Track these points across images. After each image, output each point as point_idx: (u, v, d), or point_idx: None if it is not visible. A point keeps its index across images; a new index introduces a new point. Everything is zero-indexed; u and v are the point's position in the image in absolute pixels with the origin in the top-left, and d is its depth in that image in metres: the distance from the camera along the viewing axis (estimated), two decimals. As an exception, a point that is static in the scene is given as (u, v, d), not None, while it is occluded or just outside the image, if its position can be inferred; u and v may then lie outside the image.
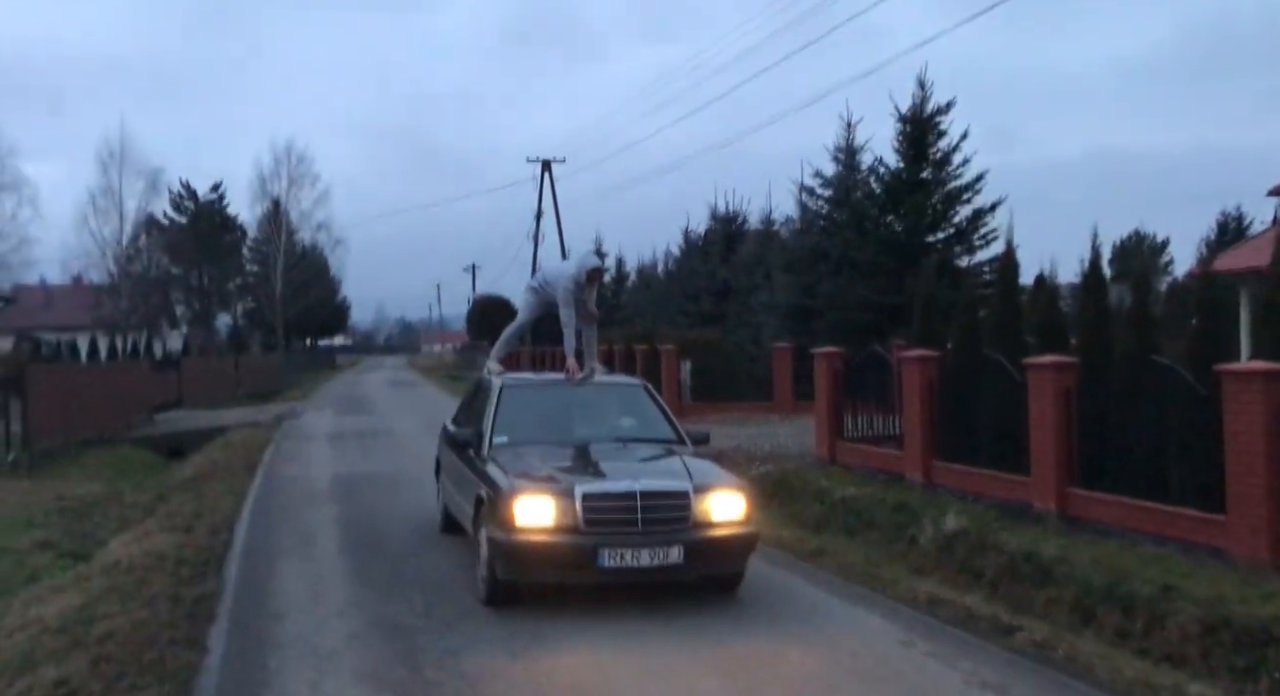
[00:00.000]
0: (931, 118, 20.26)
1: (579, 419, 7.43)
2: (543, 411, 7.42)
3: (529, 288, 8.75)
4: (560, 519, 5.82)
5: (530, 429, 7.10)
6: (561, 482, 6.05)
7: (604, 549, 5.75)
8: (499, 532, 5.90)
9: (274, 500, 11.04)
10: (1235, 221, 45.64)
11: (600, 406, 7.65)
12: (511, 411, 7.21)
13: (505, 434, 6.99)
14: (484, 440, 6.97)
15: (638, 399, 7.71)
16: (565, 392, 7.75)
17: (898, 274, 19.67)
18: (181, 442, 20.13)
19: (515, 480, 6.11)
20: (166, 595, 6.80)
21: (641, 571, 5.85)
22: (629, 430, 7.28)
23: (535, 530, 5.82)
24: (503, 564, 5.96)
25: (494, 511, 6.02)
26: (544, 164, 39.55)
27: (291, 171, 56.38)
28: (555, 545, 5.83)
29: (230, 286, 57.42)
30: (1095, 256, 9.91)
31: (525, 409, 7.36)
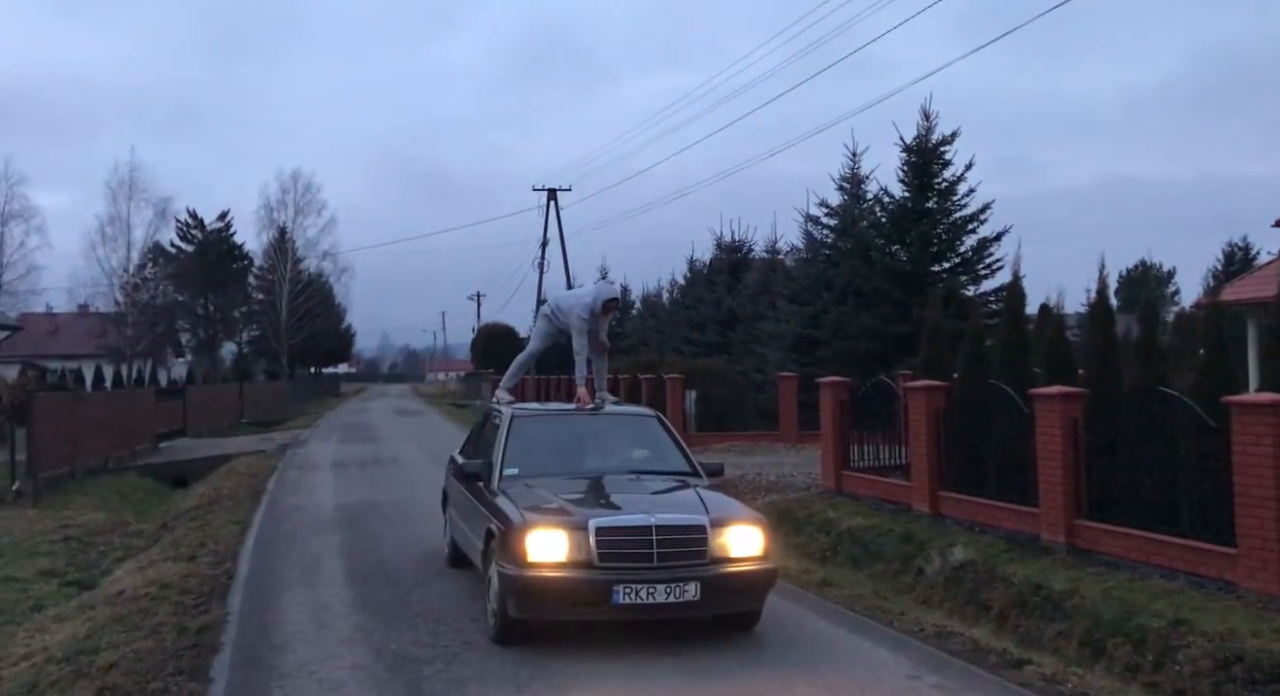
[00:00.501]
0: (936, 148, 20.38)
1: (591, 450, 7.31)
2: (554, 443, 7.29)
3: (542, 315, 8.67)
4: (573, 553, 5.68)
5: (541, 461, 6.96)
6: (574, 516, 5.91)
7: (618, 585, 5.61)
8: (510, 567, 5.76)
9: (278, 529, 11.01)
10: (1242, 252, 45.69)
11: (612, 437, 7.52)
12: (522, 443, 7.06)
13: (516, 466, 6.86)
14: (494, 472, 6.83)
15: (650, 430, 7.57)
16: (577, 423, 7.63)
17: (903, 303, 19.69)
18: (186, 471, 20.11)
19: (527, 513, 5.97)
20: (171, 624, 6.78)
21: (657, 608, 5.69)
22: (642, 462, 7.15)
23: (548, 565, 5.68)
24: (514, 600, 5.80)
25: (505, 545, 5.89)
26: (549, 192, 39.84)
27: (298, 200, 56.92)
28: (568, 581, 5.69)
29: (236, 314, 57.64)
30: (1102, 286, 9.91)
31: (536, 440, 7.21)
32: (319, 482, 15.70)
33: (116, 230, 43.42)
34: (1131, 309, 25.16)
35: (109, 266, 43.17)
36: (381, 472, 17.06)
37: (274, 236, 56.38)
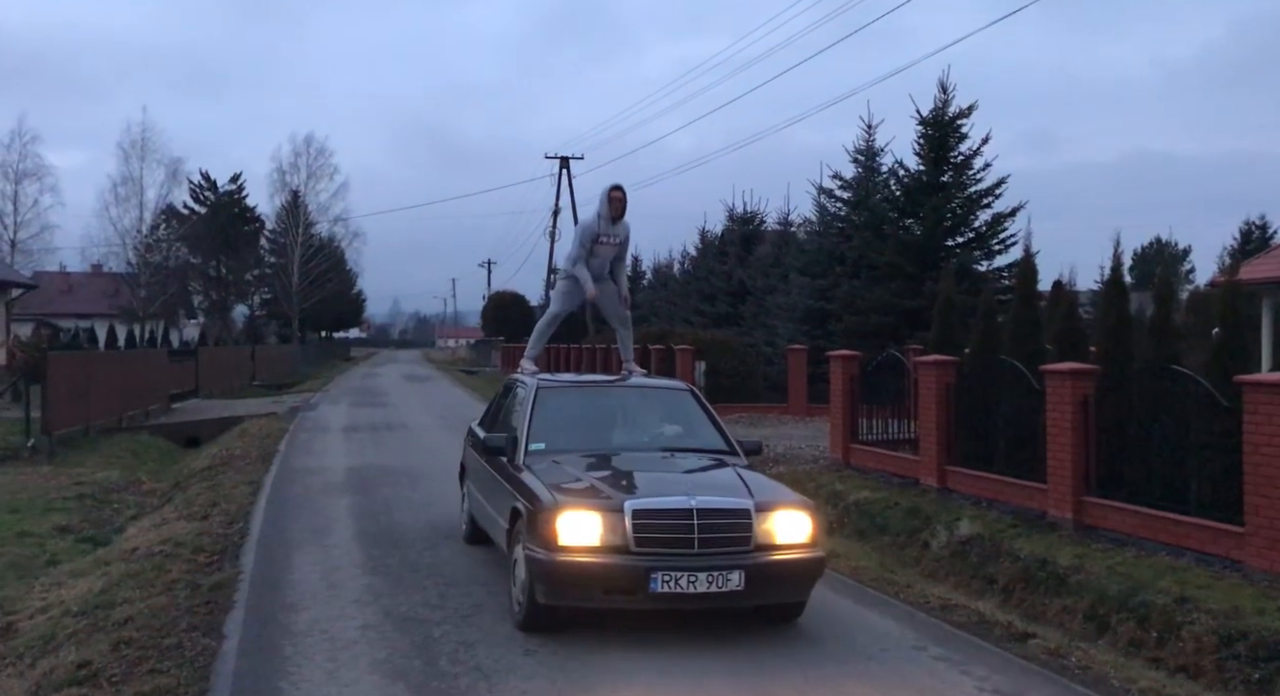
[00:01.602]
0: (953, 121, 20.18)
1: (621, 425, 6.95)
2: (582, 416, 6.91)
3: (561, 274, 8.31)
4: (608, 537, 5.33)
5: (569, 435, 6.59)
6: (609, 497, 5.54)
7: (656, 572, 5.25)
8: (539, 551, 5.42)
9: (290, 490, 11.12)
10: (1259, 230, 45.25)
11: (644, 412, 7.13)
12: (548, 416, 6.69)
13: (542, 440, 6.47)
14: (519, 447, 6.43)
15: (684, 404, 7.17)
16: (606, 396, 7.34)
17: (915, 278, 19.61)
18: (198, 431, 20.29)
19: (558, 493, 5.60)
20: (184, 582, 6.89)
21: (697, 598, 5.32)
22: (675, 438, 6.78)
23: (580, 549, 5.34)
24: (543, 586, 5.46)
25: (534, 527, 5.53)
26: (562, 160, 39.63)
27: (310, 164, 56.84)
28: (602, 566, 5.33)
29: (248, 277, 57.82)
30: (1117, 263, 9.84)
31: (563, 413, 6.83)
32: (330, 446, 15.82)
33: (129, 190, 43.47)
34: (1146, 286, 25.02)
35: (122, 226, 43.28)
36: (392, 437, 17.17)
37: (286, 200, 56.39)
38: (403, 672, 5.07)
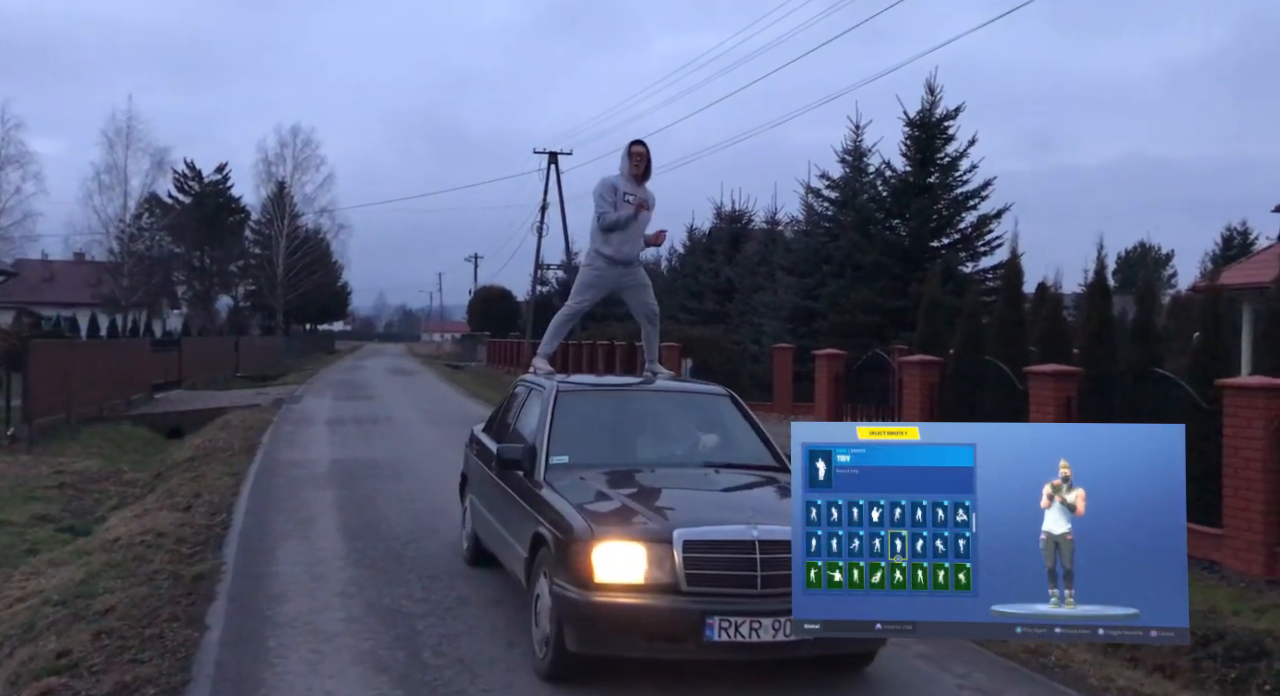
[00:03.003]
0: (940, 122, 20.29)
1: (653, 435, 6.06)
2: (609, 425, 6.05)
3: (586, 260, 7.20)
4: (654, 573, 4.48)
5: (594, 447, 5.76)
6: (654, 524, 4.68)
7: (713, 616, 4.38)
8: (571, 589, 4.57)
9: (273, 482, 11.07)
10: (1241, 236, 45.76)
11: (678, 420, 6.22)
12: (571, 424, 5.82)
13: (565, 453, 5.62)
14: (539, 460, 5.58)
15: (722, 411, 6.23)
16: (635, 402, 6.41)
17: (901, 278, 19.71)
18: (181, 422, 20.19)
19: (592, 519, 4.76)
20: (166, 572, 6.85)
21: (760, 648, 4.44)
22: (715, 451, 5.89)
23: (620, 588, 4.50)
24: (575, 631, 4.62)
25: (563, 560, 4.69)
26: (550, 156, 39.58)
27: (296, 155, 56.63)
28: (647, 610, 4.47)
29: (232, 268, 57.50)
30: (1100, 267, 9.96)
31: (588, 421, 5.96)
32: (314, 438, 15.75)
33: (113, 179, 43.14)
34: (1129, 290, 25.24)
35: (105, 215, 42.95)
36: (377, 430, 17.12)
37: (272, 191, 56.13)
38: (386, 665, 5.06)
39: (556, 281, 46.34)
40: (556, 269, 44.63)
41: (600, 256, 6.94)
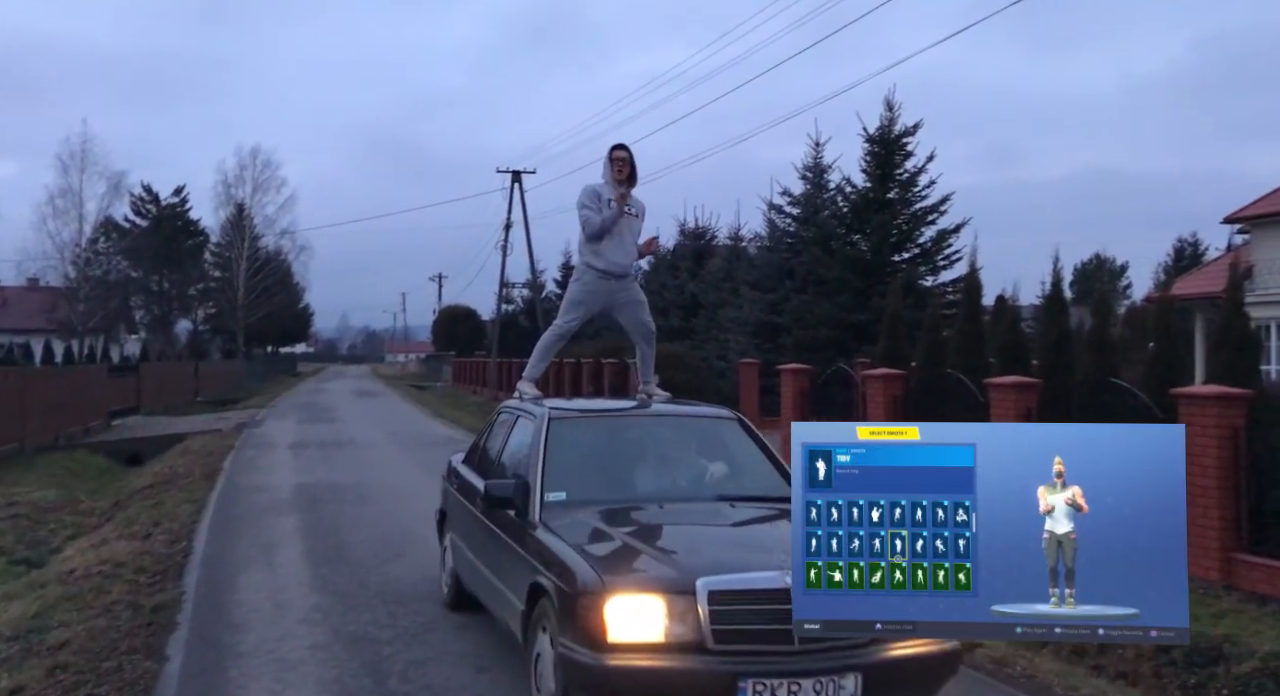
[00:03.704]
0: (899, 139, 20.57)
1: (657, 466, 5.44)
2: (608, 456, 5.44)
3: (581, 271, 6.50)
4: (676, 630, 3.90)
5: (594, 481, 5.18)
6: (674, 572, 4.06)
7: (745, 679, 3.84)
8: (580, 650, 3.99)
9: (235, 509, 10.90)
10: (1192, 247, 46.87)
11: (683, 448, 5.63)
12: (566, 455, 5.21)
13: (562, 488, 5.01)
14: (532, 497, 4.95)
15: (730, 437, 5.65)
16: (635, 429, 5.72)
17: (863, 292, 19.91)
18: (140, 449, 19.82)
19: (601, 567, 4.14)
20: (125, 603, 6.71)
21: None
22: (726, 482, 5.30)
23: (638, 648, 3.92)
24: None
25: (570, 616, 4.09)
26: (514, 174, 39.53)
27: (256, 176, 56.12)
28: (671, 673, 3.90)
29: (191, 291, 56.71)
30: (1056, 279, 10.14)
31: (584, 452, 5.38)
32: (276, 463, 15.54)
33: (68, 203, 42.42)
34: (1086, 301, 25.71)
35: (60, 240, 42.18)
36: (340, 454, 16.93)
37: (231, 213, 55.55)
38: (352, 693, 4.99)
39: (522, 300, 46.22)
40: (521, 287, 44.54)
41: (590, 270, 6.32)
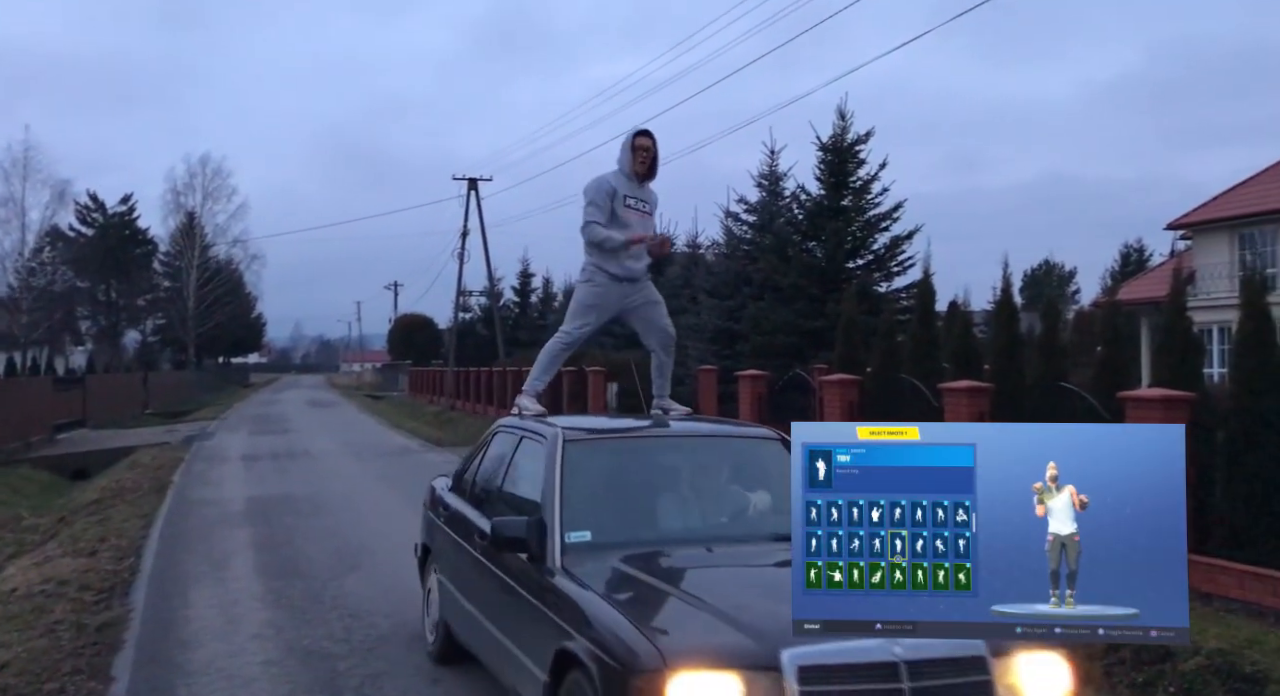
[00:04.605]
0: (851, 147, 20.81)
1: (693, 497, 4.45)
2: (635, 486, 4.47)
3: (589, 272, 5.59)
4: None
5: (622, 518, 4.23)
6: (750, 641, 3.20)
7: None
8: None
9: (185, 523, 10.68)
10: (1137, 253, 48.03)
11: (721, 475, 4.65)
12: (586, 486, 4.27)
13: (585, 526, 4.07)
14: (550, 538, 3.99)
15: (774, 461, 4.47)
16: (664, 453, 4.73)
17: (819, 299, 20.08)
18: (85, 463, 19.35)
19: (658, 635, 3.27)
20: (69, 622, 6.53)
21: None
22: (779, 518, 4.07)
23: None
24: None
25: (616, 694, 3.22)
26: (470, 182, 39.30)
27: (206, 184, 55.25)
28: None
29: (140, 302, 55.57)
30: (1006, 285, 10.32)
31: (608, 482, 4.44)
32: (228, 475, 15.26)
33: (10, 212, 41.43)
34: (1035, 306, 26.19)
35: (2, 250, 41.12)
36: (294, 465, 16.66)
37: (181, 222, 54.57)
38: (305, 709, 4.90)
39: (479, 308, 45.97)
40: (479, 295, 44.29)
41: (601, 272, 5.48)
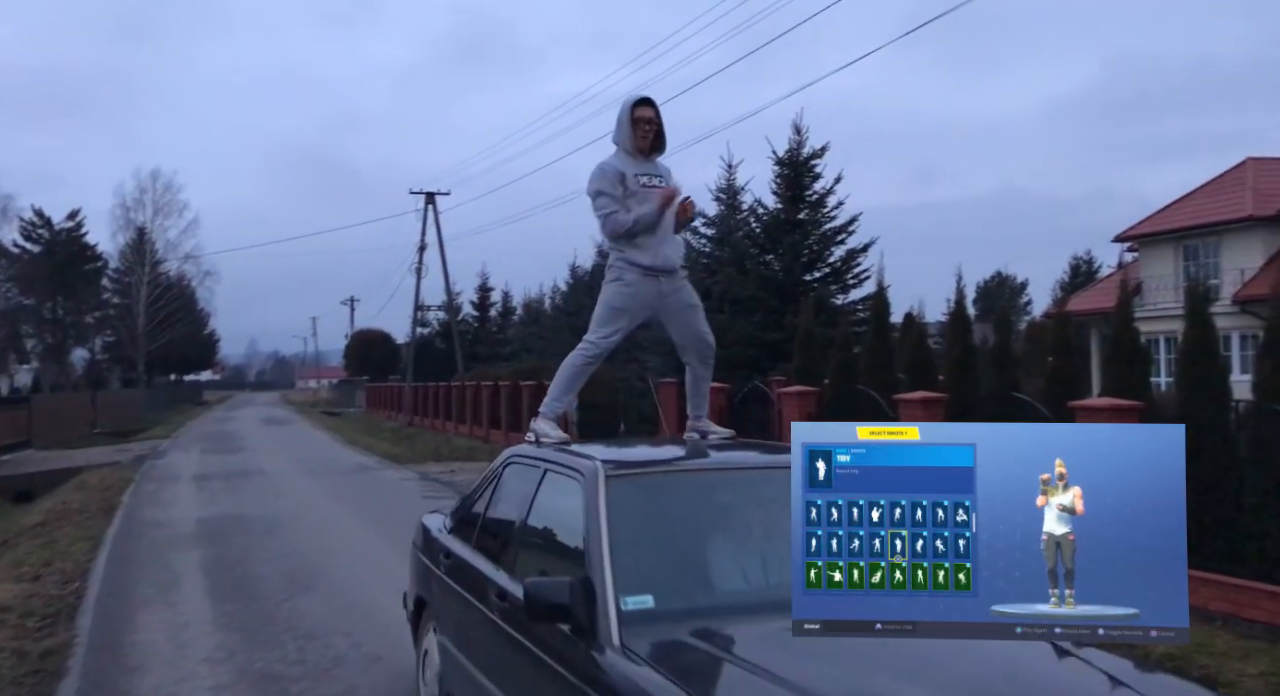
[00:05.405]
0: (807, 161, 21.07)
1: (767, 546, 3.40)
2: (697, 531, 3.49)
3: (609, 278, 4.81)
4: None
5: (689, 575, 3.33)
6: None
7: None
8: None
9: (134, 545, 10.42)
10: (1086, 265, 49.09)
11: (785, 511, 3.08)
12: (640, 536, 3.37)
13: (644, 588, 3.16)
14: (602, 605, 3.07)
15: None
16: (728, 489, 3.69)
17: (777, 311, 20.25)
18: (30, 485, 18.83)
19: None
20: (9, 650, 6.33)
21: None
22: None
23: None
24: None
25: None
26: (428, 196, 39.06)
27: (157, 199, 54.26)
28: None
29: (88, 319, 54.36)
30: (960, 297, 10.46)
31: (663, 528, 3.49)
32: (179, 496, 14.93)
33: (-49, 228, 40.33)
34: (989, 318, 26.63)
35: (-58, 266, 40.02)
36: (248, 484, 16.36)
37: (131, 238, 53.54)
38: (257, 734, 4.79)
39: (438, 323, 45.63)
40: (437, 310, 43.96)
41: (633, 267, 4.70)
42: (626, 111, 4.63)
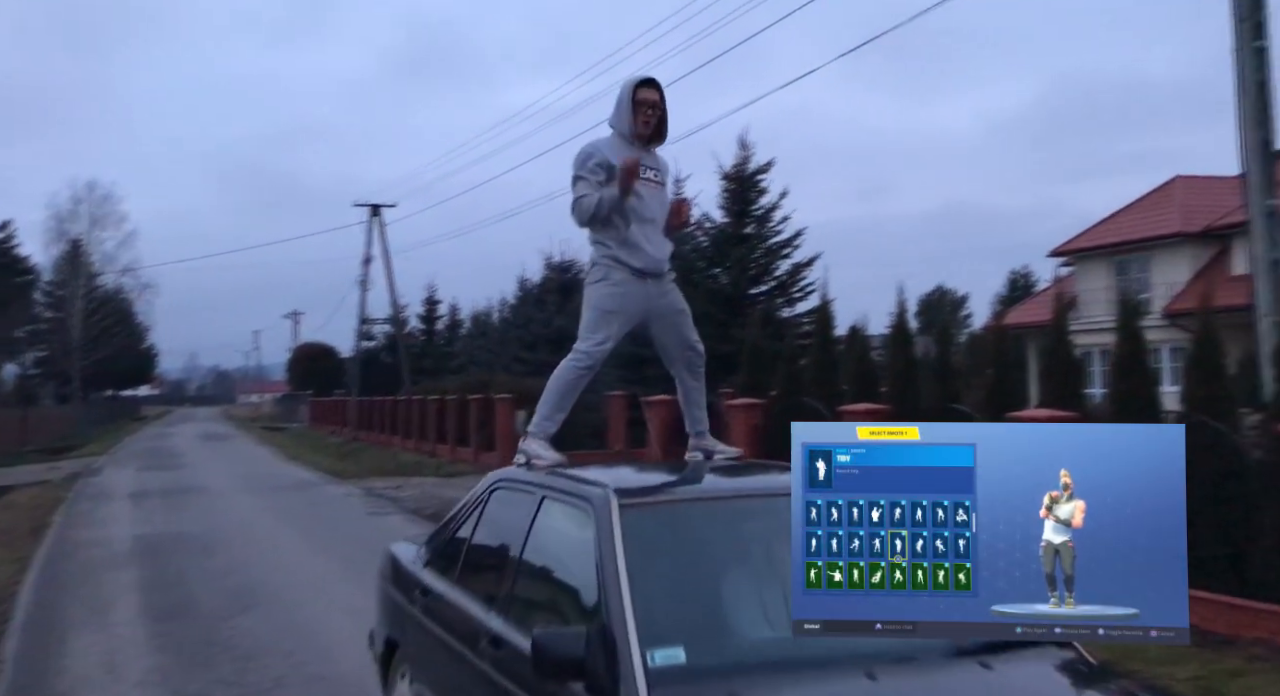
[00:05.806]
0: (753, 176, 21.31)
1: None
2: (729, 569, 3.11)
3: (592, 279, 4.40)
4: None
5: (724, 623, 2.95)
6: None
7: None
8: None
9: (65, 566, 10.09)
10: (1023, 279, 50.32)
11: None
12: (663, 576, 2.98)
13: (673, 639, 2.72)
14: (624, 660, 2.65)
15: None
16: (752, 519, 3.27)
17: (725, 324, 20.36)
18: (-45, 505, 18.12)
19: None
20: (-69, 678, 6.08)
21: None
22: None
23: None
24: None
25: None
26: (373, 208, 38.62)
27: (93, 210, 52.89)
28: None
29: (19, 333, 52.64)
30: (901, 311, 10.65)
31: (688, 566, 3.08)
32: (114, 514, 14.51)
33: (-128, 238, 38.82)
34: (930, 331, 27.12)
35: None
36: (186, 502, 15.96)
37: (65, 250, 52.07)
38: (192, 759, 4.67)
39: (384, 336, 45.07)
40: (383, 323, 43.44)
41: (620, 266, 4.25)
42: (628, 93, 4.09)
